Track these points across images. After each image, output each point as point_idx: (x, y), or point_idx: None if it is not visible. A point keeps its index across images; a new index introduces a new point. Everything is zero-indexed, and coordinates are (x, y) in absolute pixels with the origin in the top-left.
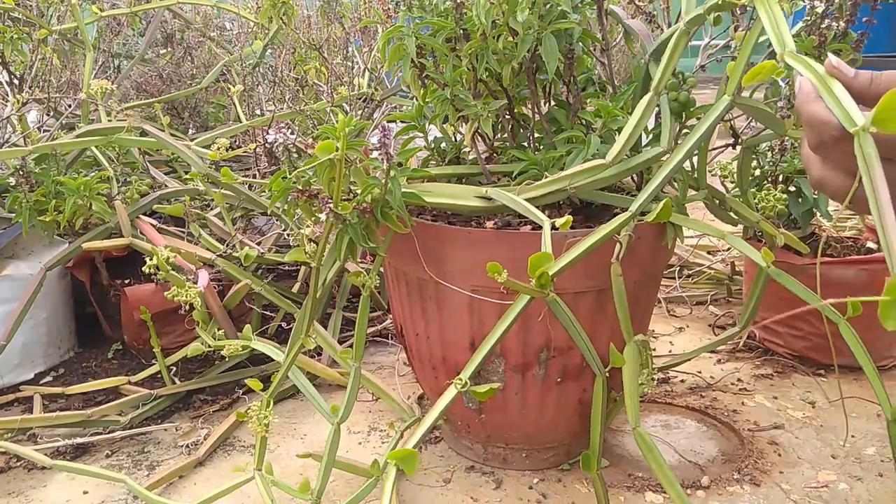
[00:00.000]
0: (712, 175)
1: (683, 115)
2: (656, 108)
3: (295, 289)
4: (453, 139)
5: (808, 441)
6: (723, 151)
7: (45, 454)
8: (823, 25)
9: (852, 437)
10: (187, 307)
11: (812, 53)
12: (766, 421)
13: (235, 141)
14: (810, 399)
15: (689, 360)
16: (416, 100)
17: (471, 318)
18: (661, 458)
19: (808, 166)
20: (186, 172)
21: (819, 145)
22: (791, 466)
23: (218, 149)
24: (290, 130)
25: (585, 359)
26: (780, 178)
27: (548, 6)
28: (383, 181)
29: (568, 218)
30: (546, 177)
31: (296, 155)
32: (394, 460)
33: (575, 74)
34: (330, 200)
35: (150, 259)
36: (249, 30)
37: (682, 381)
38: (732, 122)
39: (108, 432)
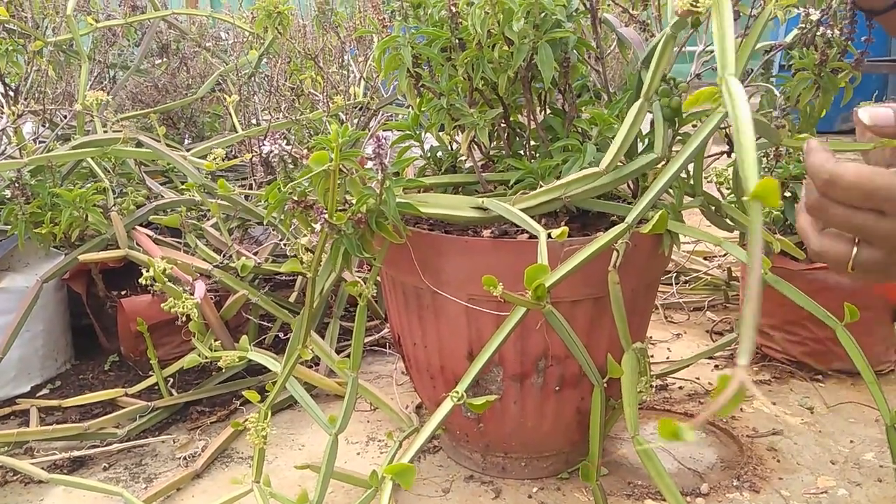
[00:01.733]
0: (708, 181)
1: (676, 122)
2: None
3: (292, 298)
4: (450, 148)
5: (807, 447)
6: (718, 158)
7: (42, 468)
8: (818, 33)
9: (851, 442)
10: (184, 318)
11: (813, 70)
12: (764, 427)
13: (231, 151)
14: (808, 405)
15: (687, 366)
16: (413, 109)
17: (468, 327)
18: (661, 465)
19: (806, 239)
20: (182, 183)
21: (815, 202)
22: (790, 472)
23: (214, 159)
24: (285, 141)
25: (583, 369)
26: None
27: (543, 15)
28: (378, 192)
29: (564, 229)
30: (542, 186)
31: (291, 165)
32: (390, 475)
33: (570, 82)
34: (325, 211)
35: (147, 270)
36: (245, 40)
37: (681, 387)
38: (728, 129)
39: (106, 445)
